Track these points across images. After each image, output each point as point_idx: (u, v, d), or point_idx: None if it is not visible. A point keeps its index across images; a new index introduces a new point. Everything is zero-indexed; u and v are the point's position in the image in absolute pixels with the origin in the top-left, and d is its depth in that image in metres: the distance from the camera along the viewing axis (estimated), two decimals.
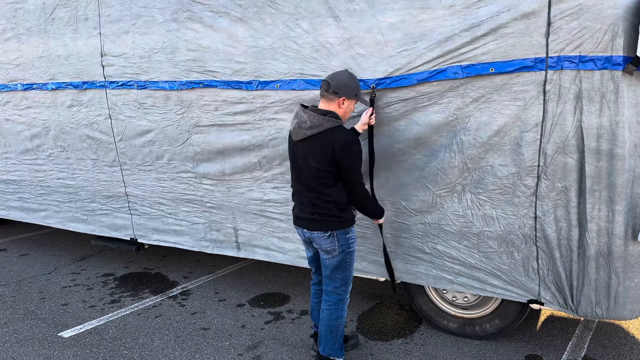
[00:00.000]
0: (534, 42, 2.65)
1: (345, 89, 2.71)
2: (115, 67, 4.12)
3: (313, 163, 2.70)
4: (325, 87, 2.72)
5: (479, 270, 3.11)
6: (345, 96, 2.72)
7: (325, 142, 2.65)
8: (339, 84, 2.70)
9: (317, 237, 2.84)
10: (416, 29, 2.89)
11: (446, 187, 3.03)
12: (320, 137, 2.67)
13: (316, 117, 2.66)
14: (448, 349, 3.38)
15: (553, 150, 2.73)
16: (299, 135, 2.72)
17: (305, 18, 3.22)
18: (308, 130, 2.68)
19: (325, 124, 2.65)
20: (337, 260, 2.88)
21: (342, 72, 2.75)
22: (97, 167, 4.56)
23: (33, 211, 5.28)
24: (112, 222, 4.70)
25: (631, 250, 2.73)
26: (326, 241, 2.83)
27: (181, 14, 3.70)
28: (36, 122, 4.81)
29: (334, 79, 2.71)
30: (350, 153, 2.65)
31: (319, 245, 2.87)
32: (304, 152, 2.74)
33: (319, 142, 2.67)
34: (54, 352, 3.45)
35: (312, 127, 2.66)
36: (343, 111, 2.77)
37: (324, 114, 2.68)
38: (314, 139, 2.68)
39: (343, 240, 2.85)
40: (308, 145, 2.71)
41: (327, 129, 2.66)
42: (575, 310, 2.93)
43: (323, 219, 2.80)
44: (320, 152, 2.66)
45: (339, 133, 2.65)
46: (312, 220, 2.83)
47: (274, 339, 3.57)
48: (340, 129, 2.67)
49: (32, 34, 4.57)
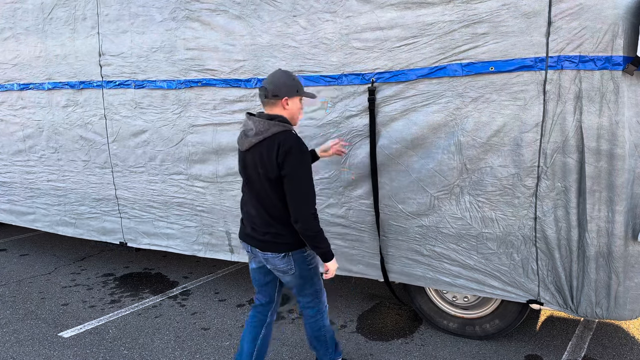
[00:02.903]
0: (534, 42, 2.63)
1: (285, 89, 2.48)
2: (113, 66, 4.11)
3: (262, 172, 2.44)
4: (264, 94, 2.49)
5: (477, 271, 3.10)
6: (287, 95, 2.49)
7: (271, 146, 2.39)
8: (276, 86, 2.47)
9: (271, 258, 2.56)
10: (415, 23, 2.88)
11: (444, 189, 3.02)
12: (266, 142, 2.42)
13: (262, 122, 2.43)
14: (448, 349, 3.38)
15: (553, 150, 2.72)
16: (245, 144, 2.48)
17: (302, 14, 3.21)
18: (254, 137, 2.43)
19: (272, 129, 2.42)
20: (297, 279, 2.62)
21: (276, 73, 2.51)
22: (88, 168, 4.55)
23: (22, 214, 5.26)
24: (101, 226, 4.68)
25: (631, 251, 2.71)
26: (281, 262, 2.56)
27: (179, 12, 3.68)
28: (30, 123, 4.80)
29: (270, 81, 2.49)
30: (294, 159, 2.36)
31: (273, 266, 2.60)
32: (253, 162, 2.48)
33: (266, 148, 2.41)
34: (54, 352, 3.45)
35: (258, 134, 2.42)
36: (290, 112, 2.54)
37: (271, 119, 2.46)
38: (261, 146, 2.43)
39: (300, 260, 2.58)
40: (256, 154, 2.45)
41: (274, 133, 2.42)
42: (575, 310, 2.92)
43: (276, 240, 2.52)
44: (267, 158, 2.40)
45: (286, 137, 2.40)
46: (263, 241, 2.54)
47: (274, 339, 3.57)
48: (288, 134, 2.42)
49: (30, 34, 4.56)
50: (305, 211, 2.40)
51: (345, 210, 3.37)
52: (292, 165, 2.36)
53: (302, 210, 2.40)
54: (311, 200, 2.41)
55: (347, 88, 3.17)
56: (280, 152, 2.36)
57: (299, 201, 2.39)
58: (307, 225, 2.41)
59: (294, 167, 2.36)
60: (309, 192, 2.41)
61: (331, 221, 3.44)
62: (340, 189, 3.35)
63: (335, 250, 3.50)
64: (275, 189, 2.45)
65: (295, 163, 2.36)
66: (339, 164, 3.30)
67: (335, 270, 2.59)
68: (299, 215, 2.40)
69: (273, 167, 2.39)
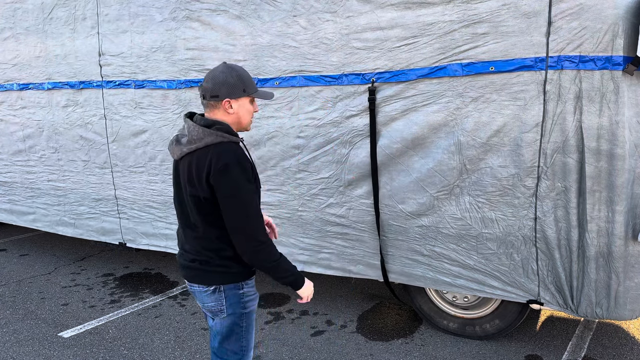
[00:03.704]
0: (534, 42, 2.63)
1: (226, 88, 1.97)
2: (113, 66, 4.11)
3: (190, 189, 1.97)
4: (202, 94, 2.01)
5: (477, 271, 3.10)
6: (229, 97, 1.98)
7: (202, 161, 1.92)
8: (215, 84, 1.97)
9: (198, 291, 2.07)
10: (416, 23, 2.88)
11: (444, 189, 3.02)
12: (198, 155, 1.94)
13: (196, 128, 1.94)
14: (448, 349, 3.38)
15: (553, 150, 2.72)
16: (176, 152, 2.01)
17: (303, 14, 3.21)
18: (186, 145, 1.97)
19: (207, 138, 1.93)
20: (226, 324, 2.07)
21: (216, 69, 2.01)
22: (88, 168, 4.55)
23: (22, 214, 5.26)
24: (101, 226, 4.68)
25: (631, 251, 2.71)
26: (209, 298, 2.05)
27: (179, 12, 3.68)
28: (30, 123, 4.80)
29: (209, 79, 2.00)
30: (229, 179, 1.87)
31: (201, 302, 2.09)
32: (182, 174, 2.02)
33: (196, 161, 1.94)
34: (54, 352, 3.45)
35: (191, 142, 1.95)
36: (236, 117, 2.02)
37: (208, 125, 1.96)
38: (192, 158, 1.96)
39: (234, 298, 2.05)
40: (186, 166, 1.99)
41: (207, 144, 1.93)
42: (576, 310, 2.92)
43: (205, 268, 2.03)
44: (197, 174, 1.93)
45: (222, 151, 1.90)
46: (191, 268, 2.06)
47: (274, 339, 3.57)
48: (225, 147, 1.92)
49: (30, 34, 4.56)
50: (250, 242, 1.91)
51: (346, 210, 3.37)
52: (229, 187, 1.88)
53: (246, 242, 1.91)
54: (256, 228, 1.92)
55: (348, 88, 3.17)
56: (212, 171, 1.88)
57: (241, 231, 1.90)
58: (257, 257, 1.93)
59: (230, 189, 1.88)
60: (252, 217, 1.91)
61: (331, 221, 3.44)
62: (341, 188, 3.35)
63: (336, 250, 3.50)
64: (204, 211, 1.96)
65: (232, 184, 1.87)
66: (340, 163, 3.30)
67: (311, 294, 2.10)
68: (244, 248, 1.92)
69: (202, 186, 1.92)
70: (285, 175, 3.54)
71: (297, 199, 3.53)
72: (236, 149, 1.93)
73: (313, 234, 3.54)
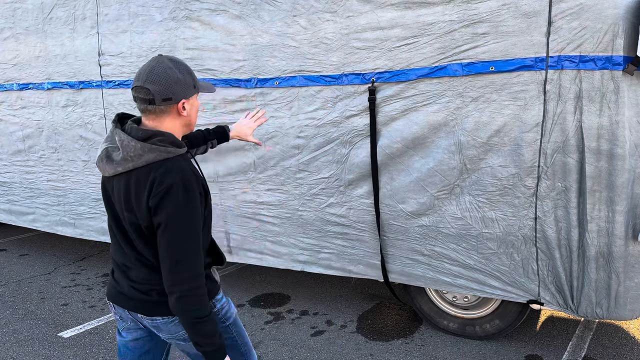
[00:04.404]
0: (534, 41, 2.63)
1: (181, 87, 1.66)
2: (113, 66, 4.11)
3: (127, 215, 1.66)
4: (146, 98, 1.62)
5: (478, 271, 3.10)
6: (185, 97, 1.68)
7: (142, 182, 1.60)
8: (167, 84, 1.63)
9: (163, 324, 1.75)
10: (416, 23, 2.88)
11: (445, 188, 3.01)
12: (136, 175, 1.61)
13: (132, 143, 1.60)
14: (448, 349, 3.38)
15: (553, 150, 2.72)
16: (107, 171, 1.66)
17: (303, 14, 3.20)
18: (120, 164, 1.62)
19: (147, 156, 1.59)
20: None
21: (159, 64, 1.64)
22: (88, 168, 4.54)
23: (22, 214, 5.26)
24: (100, 226, 4.68)
25: (631, 251, 2.71)
26: (178, 326, 1.76)
27: (179, 12, 3.68)
28: (30, 123, 4.80)
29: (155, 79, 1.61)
30: (172, 203, 1.56)
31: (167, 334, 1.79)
32: (118, 197, 1.69)
33: (135, 183, 1.62)
34: (54, 352, 3.45)
35: (127, 159, 1.61)
36: (187, 120, 1.73)
37: (147, 138, 1.61)
38: (128, 178, 1.63)
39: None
40: (122, 187, 1.66)
41: (149, 162, 1.60)
42: (576, 310, 2.92)
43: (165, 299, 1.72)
44: (136, 198, 1.62)
45: (166, 170, 1.59)
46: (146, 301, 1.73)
47: (274, 339, 3.56)
48: (170, 164, 1.60)
49: (29, 34, 4.56)
50: (184, 283, 1.58)
51: (346, 210, 3.37)
52: (169, 213, 1.56)
53: (180, 282, 1.58)
54: (192, 267, 1.60)
55: (348, 88, 3.16)
56: (153, 193, 1.57)
57: (176, 267, 1.58)
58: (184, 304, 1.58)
59: (170, 215, 1.56)
60: (190, 254, 1.60)
61: (332, 221, 3.44)
62: (341, 188, 3.35)
63: (336, 250, 3.50)
64: (149, 240, 1.67)
65: (172, 212, 1.56)
66: (340, 163, 3.30)
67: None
68: (175, 289, 1.58)
69: (142, 212, 1.61)
70: (285, 175, 3.53)
71: (297, 198, 3.53)
72: (184, 167, 1.61)
73: (313, 233, 3.54)
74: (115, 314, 1.84)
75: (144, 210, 1.60)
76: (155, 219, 1.59)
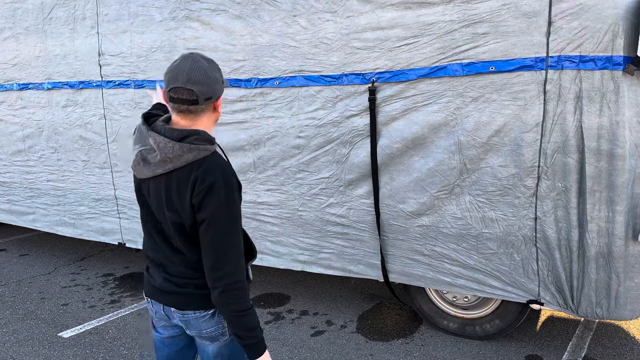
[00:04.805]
0: (534, 41, 2.63)
1: (218, 86, 1.68)
2: (113, 66, 4.11)
3: (170, 215, 1.68)
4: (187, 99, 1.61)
5: (478, 271, 3.10)
6: (220, 95, 1.71)
7: (184, 181, 1.63)
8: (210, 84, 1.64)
9: (193, 318, 1.78)
10: (416, 23, 2.88)
11: (445, 188, 3.01)
12: (177, 175, 1.64)
13: (170, 145, 1.61)
14: (448, 349, 3.38)
15: (553, 150, 2.72)
16: (145, 173, 1.68)
17: (303, 14, 3.20)
18: (158, 166, 1.64)
19: (187, 155, 1.61)
20: (228, 348, 1.84)
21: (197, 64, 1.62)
22: (88, 168, 4.55)
23: (22, 214, 5.26)
24: (100, 227, 4.67)
25: (631, 251, 2.71)
26: (208, 323, 1.79)
27: (179, 12, 3.68)
28: (30, 123, 4.80)
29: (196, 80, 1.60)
30: (216, 200, 1.60)
31: (196, 330, 1.81)
32: (157, 197, 1.71)
33: (176, 183, 1.64)
34: (54, 352, 3.45)
35: (165, 161, 1.63)
36: (218, 115, 1.77)
37: (183, 137, 1.63)
38: (169, 180, 1.66)
39: None
40: (162, 188, 1.68)
41: (188, 162, 1.62)
42: (576, 310, 2.92)
43: (199, 292, 1.76)
44: (178, 198, 1.65)
45: (208, 167, 1.62)
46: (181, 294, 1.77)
47: (274, 339, 3.56)
48: (210, 161, 1.63)
49: (29, 34, 4.56)
50: (228, 278, 1.62)
51: (346, 210, 3.37)
52: (212, 210, 1.60)
53: (224, 277, 1.62)
54: (237, 262, 1.64)
55: (348, 88, 3.16)
56: (196, 191, 1.60)
57: (221, 262, 1.62)
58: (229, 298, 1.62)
59: (213, 211, 1.60)
60: (234, 248, 1.63)
61: (332, 221, 3.44)
62: (341, 188, 3.35)
63: (336, 249, 3.50)
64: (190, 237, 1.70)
65: (217, 206, 1.60)
66: (340, 163, 3.30)
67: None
68: (219, 284, 1.62)
69: (186, 211, 1.64)
70: (285, 175, 3.53)
71: (297, 198, 3.52)
72: (222, 164, 1.64)
73: (313, 233, 3.54)
74: (152, 310, 1.89)
75: (187, 209, 1.63)
76: (199, 216, 1.63)
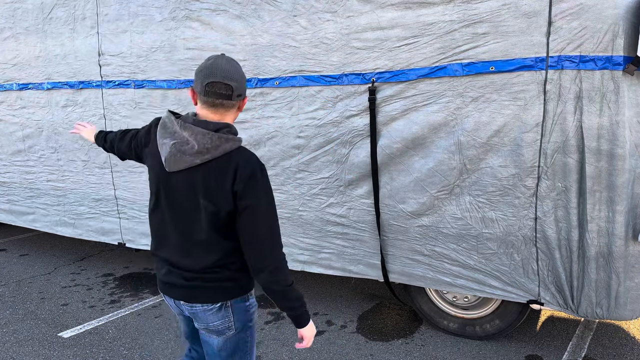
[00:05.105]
0: (534, 41, 2.63)
1: (245, 83, 1.83)
2: (113, 66, 4.11)
3: (205, 204, 1.76)
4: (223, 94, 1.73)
5: (478, 271, 3.10)
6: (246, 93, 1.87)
7: (224, 171, 1.73)
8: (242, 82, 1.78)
9: (201, 311, 1.87)
10: (416, 23, 2.88)
11: (445, 189, 3.01)
12: (216, 165, 1.74)
13: (207, 135, 1.72)
14: (448, 349, 3.38)
15: (553, 150, 2.71)
16: (180, 164, 1.75)
17: (303, 14, 3.20)
18: (196, 156, 1.73)
19: (224, 145, 1.72)
20: (233, 342, 1.91)
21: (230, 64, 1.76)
22: (88, 168, 4.55)
23: (21, 214, 5.26)
24: (100, 227, 4.67)
25: (631, 251, 2.71)
26: (215, 316, 1.86)
27: (179, 12, 3.68)
28: (29, 123, 4.80)
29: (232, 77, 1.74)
30: (258, 187, 1.73)
31: (203, 323, 1.90)
32: (188, 189, 1.78)
33: (215, 172, 1.73)
34: (53, 352, 3.44)
35: (202, 152, 1.72)
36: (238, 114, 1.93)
37: (218, 129, 1.74)
38: (206, 170, 1.74)
39: (241, 312, 1.90)
40: (198, 179, 1.76)
41: (226, 152, 1.73)
42: (576, 310, 2.92)
43: (209, 285, 1.84)
44: (217, 186, 1.73)
45: (245, 157, 1.75)
46: (191, 287, 1.85)
47: (274, 339, 3.56)
48: (245, 152, 1.77)
49: (29, 34, 4.56)
50: (277, 256, 1.75)
51: (346, 210, 3.37)
52: (256, 196, 1.72)
53: (273, 256, 1.74)
54: (280, 240, 1.78)
55: (348, 88, 3.16)
56: (238, 179, 1.71)
57: (268, 243, 1.74)
58: (276, 276, 1.74)
59: (258, 197, 1.72)
60: (276, 229, 1.77)
61: (332, 221, 3.44)
62: (341, 188, 3.34)
63: (336, 250, 3.50)
64: (221, 224, 1.78)
65: (260, 192, 1.72)
66: (340, 163, 3.30)
67: (312, 338, 1.87)
68: (270, 263, 1.73)
69: (227, 198, 1.73)
70: (285, 175, 3.53)
71: (297, 198, 3.52)
72: (253, 153, 1.79)
73: (313, 233, 3.54)
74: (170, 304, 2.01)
75: (228, 197, 1.73)
76: (241, 203, 1.73)
